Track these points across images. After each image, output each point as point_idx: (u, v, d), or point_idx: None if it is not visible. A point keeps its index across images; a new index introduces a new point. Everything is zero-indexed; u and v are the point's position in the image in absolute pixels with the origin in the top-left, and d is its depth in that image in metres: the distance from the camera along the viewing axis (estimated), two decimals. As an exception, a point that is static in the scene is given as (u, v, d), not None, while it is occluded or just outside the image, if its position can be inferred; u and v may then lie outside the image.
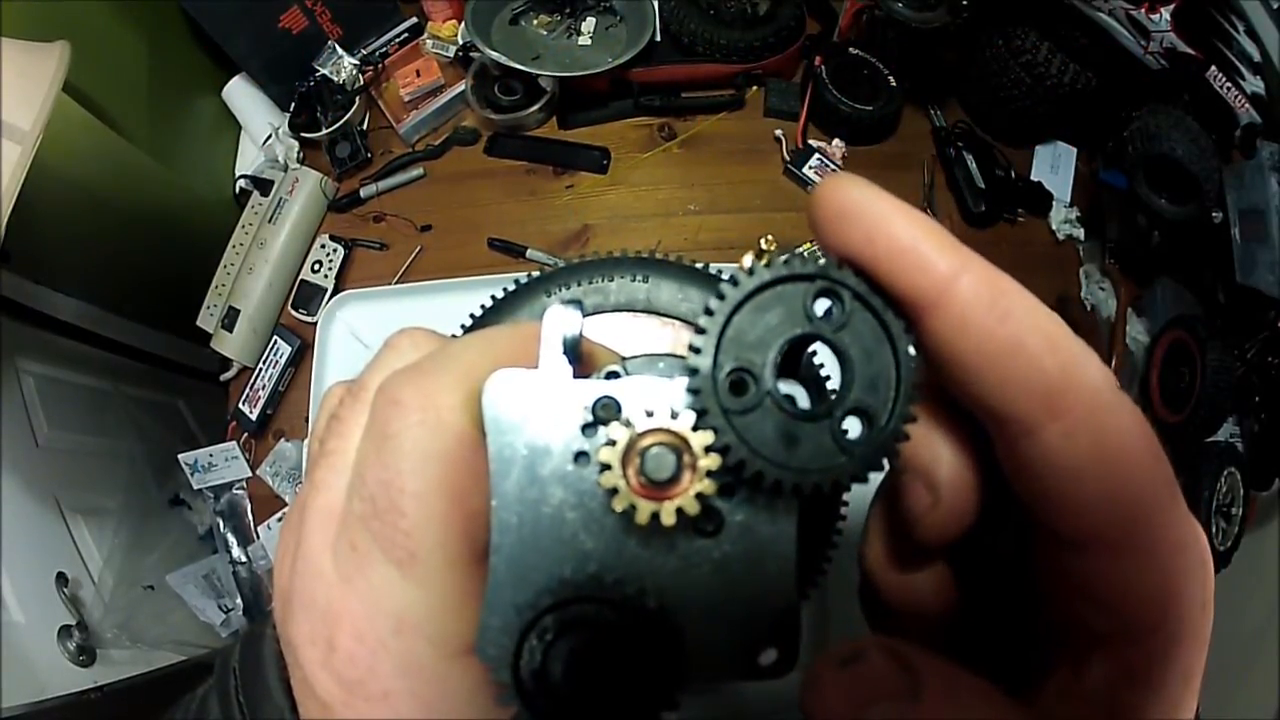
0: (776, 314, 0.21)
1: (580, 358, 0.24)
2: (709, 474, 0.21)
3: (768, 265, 0.22)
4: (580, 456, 0.22)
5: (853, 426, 0.21)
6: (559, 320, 0.24)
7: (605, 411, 0.22)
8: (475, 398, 0.23)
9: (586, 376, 0.24)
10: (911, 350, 0.21)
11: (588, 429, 0.22)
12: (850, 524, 0.34)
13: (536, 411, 0.22)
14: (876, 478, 0.22)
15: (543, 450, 0.22)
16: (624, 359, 0.28)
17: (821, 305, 0.21)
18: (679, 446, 0.21)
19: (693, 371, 0.21)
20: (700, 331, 0.21)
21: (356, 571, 0.23)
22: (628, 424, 0.21)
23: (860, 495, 0.26)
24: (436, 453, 0.23)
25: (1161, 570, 0.20)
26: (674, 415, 0.21)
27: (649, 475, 0.21)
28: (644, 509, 0.21)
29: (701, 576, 0.23)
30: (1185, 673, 0.21)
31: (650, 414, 0.21)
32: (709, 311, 0.21)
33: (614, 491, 0.21)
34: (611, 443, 0.21)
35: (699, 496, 0.21)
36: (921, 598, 0.26)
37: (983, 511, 0.23)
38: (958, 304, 0.20)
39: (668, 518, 0.21)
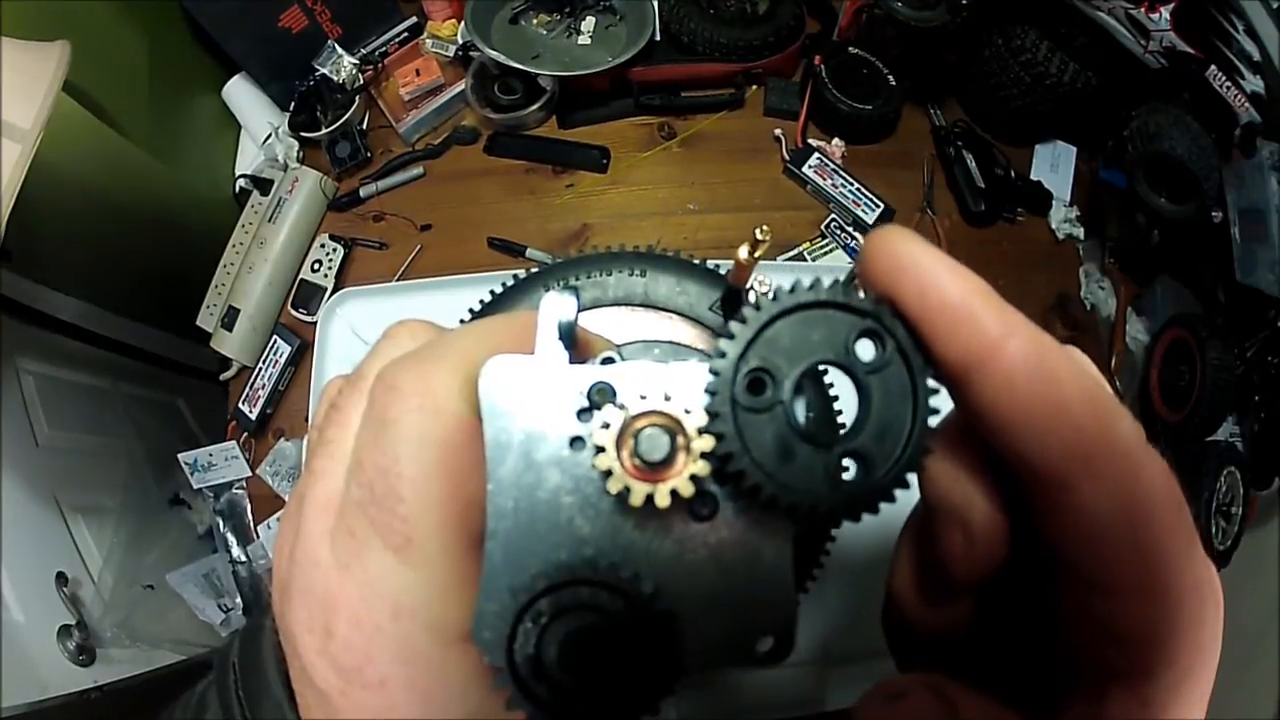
0: (818, 333, 0.22)
1: (576, 343, 0.24)
2: (703, 456, 0.21)
3: (830, 287, 0.22)
4: (576, 441, 0.22)
5: (849, 468, 0.22)
6: (555, 307, 0.24)
7: (600, 396, 0.22)
8: (473, 384, 0.23)
9: (582, 363, 0.24)
10: (932, 422, 0.21)
11: (583, 414, 0.22)
12: (864, 535, 0.34)
13: (532, 396, 0.23)
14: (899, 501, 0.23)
15: (539, 435, 0.22)
16: (619, 346, 0.28)
17: (863, 344, 0.22)
18: (673, 429, 0.21)
19: (720, 354, 0.21)
20: (742, 322, 0.21)
21: (354, 558, 0.23)
22: (622, 407, 0.21)
23: (889, 519, 0.26)
24: (434, 438, 0.23)
25: (1179, 611, 0.21)
26: (668, 398, 0.21)
27: (643, 456, 0.21)
28: (638, 490, 0.21)
29: (697, 562, 0.23)
30: (1196, 701, 0.22)
31: (644, 397, 0.21)
32: (756, 307, 0.22)
33: (608, 473, 0.21)
34: (606, 425, 0.21)
35: (693, 479, 0.21)
36: (946, 627, 0.27)
37: (1011, 551, 0.24)
38: (1005, 365, 0.20)
39: (662, 499, 0.21)
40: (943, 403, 0.22)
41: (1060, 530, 0.21)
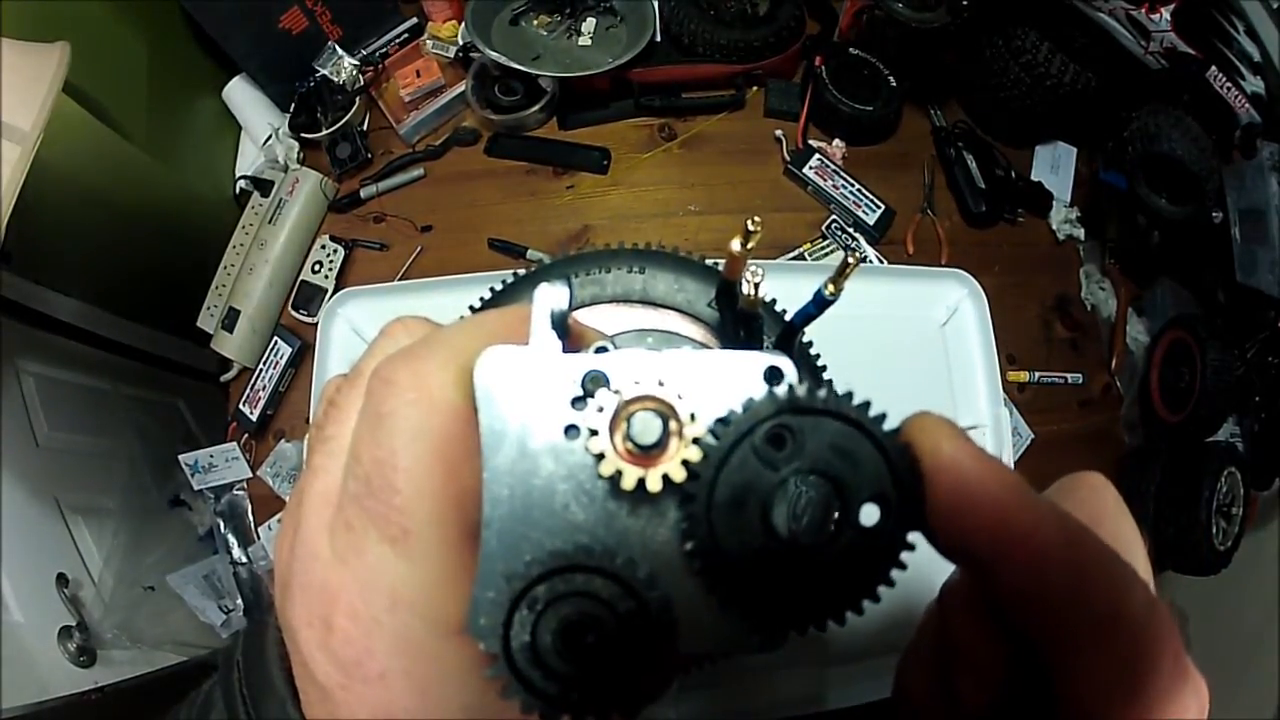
0: (856, 461, 0.21)
1: (570, 334, 0.24)
2: (695, 441, 0.21)
3: (900, 442, 0.22)
4: (570, 429, 0.22)
5: (767, 580, 0.22)
6: (548, 297, 0.24)
7: (594, 384, 0.22)
8: (468, 376, 0.23)
9: (576, 352, 0.24)
10: (849, 615, 0.22)
11: (577, 402, 0.22)
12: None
13: (527, 386, 0.23)
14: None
15: (533, 424, 0.22)
16: (612, 336, 0.28)
17: (873, 508, 0.21)
18: (666, 413, 0.21)
19: (786, 391, 0.22)
20: (827, 391, 0.22)
21: (352, 551, 0.23)
22: (616, 392, 0.21)
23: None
24: (429, 430, 0.23)
25: None
26: (661, 384, 0.21)
27: (635, 440, 0.21)
28: (630, 474, 0.21)
29: None
30: None
31: (637, 383, 0.21)
32: (837, 395, 0.22)
33: (601, 457, 0.21)
34: (600, 410, 0.21)
35: (685, 464, 0.21)
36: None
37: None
38: (1032, 555, 0.21)
39: (654, 484, 0.21)
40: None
41: (1068, 681, 0.22)
